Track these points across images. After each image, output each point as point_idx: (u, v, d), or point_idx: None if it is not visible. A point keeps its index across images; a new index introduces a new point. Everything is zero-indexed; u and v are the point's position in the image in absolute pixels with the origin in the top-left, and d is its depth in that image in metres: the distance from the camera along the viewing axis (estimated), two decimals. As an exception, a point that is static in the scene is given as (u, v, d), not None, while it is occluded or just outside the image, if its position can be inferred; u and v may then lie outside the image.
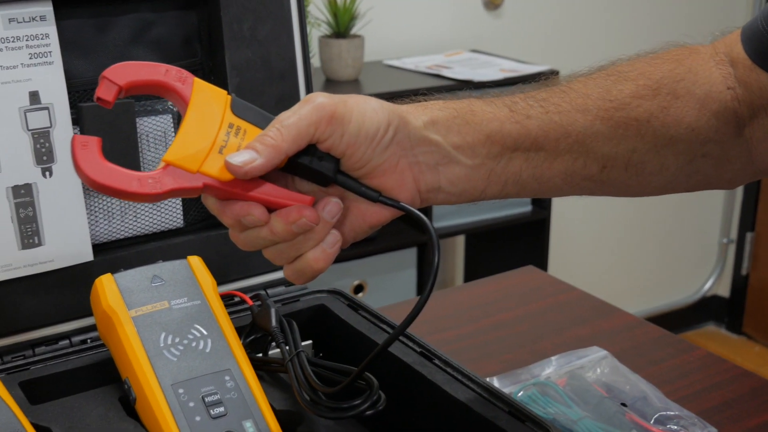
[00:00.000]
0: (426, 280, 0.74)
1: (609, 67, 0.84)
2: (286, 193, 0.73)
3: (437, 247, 0.73)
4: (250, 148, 0.71)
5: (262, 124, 0.72)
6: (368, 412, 0.78)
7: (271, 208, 0.72)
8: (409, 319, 0.73)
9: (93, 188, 0.69)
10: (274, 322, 0.89)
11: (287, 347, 0.87)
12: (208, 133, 0.71)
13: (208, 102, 0.71)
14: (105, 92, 0.70)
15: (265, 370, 0.90)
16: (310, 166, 0.73)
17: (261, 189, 0.72)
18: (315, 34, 2.44)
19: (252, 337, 0.93)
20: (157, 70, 0.71)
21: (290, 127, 0.71)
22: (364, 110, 0.73)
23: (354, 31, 2.45)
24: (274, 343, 0.91)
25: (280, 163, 0.72)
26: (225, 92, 0.72)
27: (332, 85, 2.42)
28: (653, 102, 0.81)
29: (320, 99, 0.72)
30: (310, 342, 0.98)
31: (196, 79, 0.72)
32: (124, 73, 0.70)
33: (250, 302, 0.93)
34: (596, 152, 0.81)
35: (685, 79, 0.82)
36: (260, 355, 0.92)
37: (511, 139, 0.79)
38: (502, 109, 0.79)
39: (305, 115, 0.71)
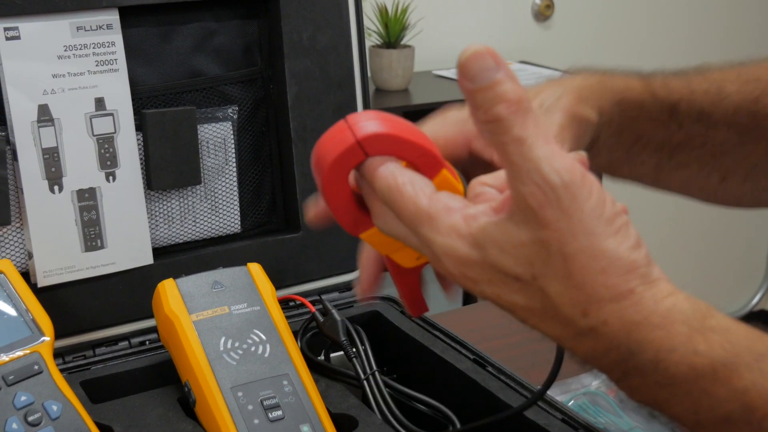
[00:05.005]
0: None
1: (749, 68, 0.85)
2: (419, 297, 0.71)
3: None
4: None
5: None
6: None
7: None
8: (548, 383, 0.77)
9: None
10: (342, 335, 0.91)
11: (359, 362, 0.90)
12: None
13: None
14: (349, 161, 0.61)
15: (333, 378, 0.91)
16: None
17: (411, 285, 0.71)
18: (365, 43, 2.45)
19: (308, 334, 0.95)
20: (413, 150, 0.61)
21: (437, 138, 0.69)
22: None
23: (404, 41, 2.46)
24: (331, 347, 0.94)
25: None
26: (462, 189, 0.65)
27: (382, 94, 2.43)
28: None
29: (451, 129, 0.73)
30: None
31: (444, 172, 0.62)
32: (381, 147, 0.61)
33: (312, 308, 0.95)
34: (723, 159, 0.83)
35: None
36: (321, 358, 0.94)
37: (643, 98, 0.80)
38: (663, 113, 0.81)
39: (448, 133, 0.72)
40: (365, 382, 0.88)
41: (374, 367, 0.89)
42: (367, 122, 0.60)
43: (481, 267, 0.56)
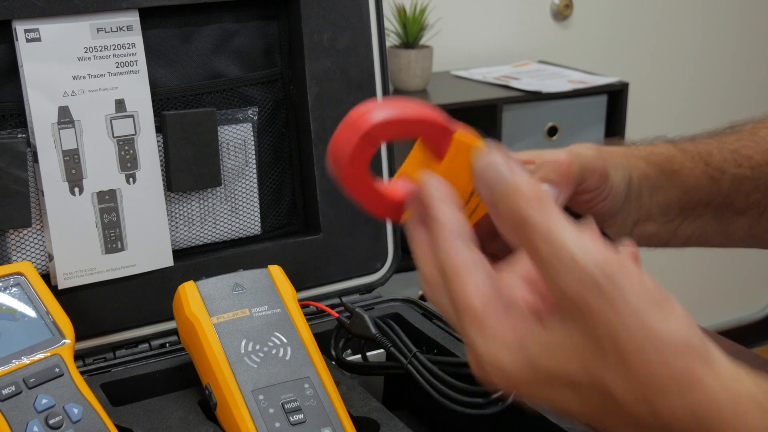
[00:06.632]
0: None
1: None
2: None
3: None
4: (544, 180, 0.69)
5: None
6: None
7: None
8: None
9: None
10: (373, 330, 0.91)
11: (397, 349, 0.89)
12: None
13: (460, 160, 0.63)
14: (363, 153, 0.60)
15: (377, 374, 0.91)
16: None
17: None
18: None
19: (343, 340, 0.94)
20: (419, 127, 0.61)
21: (580, 156, 0.71)
22: (616, 166, 0.74)
23: (423, 41, 2.45)
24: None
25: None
26: (481, 144, 0.62)
27: (400, 95, 2.42)
28: None
29: (590, 152, 0.73)
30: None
31: (456, 136, 0.62)
32: (389, 133, 0.60)
33: (335, 314, 0.94)
34: None
35: None
36: (358, 357, 0.94)
37: (704, 195, 0.81)
38: (698, 164, 0.81)
39: (589, 156, 0.72)
40: (409, 365, 0.86)
41: (413, 349, 0.88)
42: (369, 113, 0.60)
43: (533, 383, 0.53)
